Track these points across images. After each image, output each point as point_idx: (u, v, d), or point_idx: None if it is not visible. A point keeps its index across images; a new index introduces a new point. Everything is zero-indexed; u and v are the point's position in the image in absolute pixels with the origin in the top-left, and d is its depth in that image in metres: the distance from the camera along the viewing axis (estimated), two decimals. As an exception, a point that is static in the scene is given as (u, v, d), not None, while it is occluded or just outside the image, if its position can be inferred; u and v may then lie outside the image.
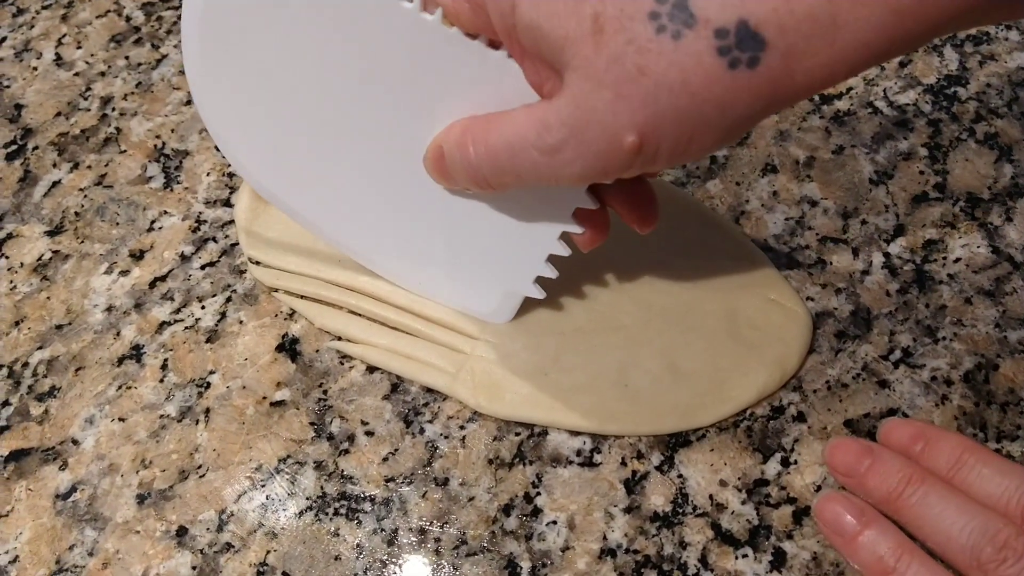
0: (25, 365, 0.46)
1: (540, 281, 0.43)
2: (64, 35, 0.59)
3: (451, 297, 0.45)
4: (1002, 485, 0.36)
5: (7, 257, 0.50)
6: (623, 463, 0.41)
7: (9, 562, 0.41)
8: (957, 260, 0.46)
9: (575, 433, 0.42)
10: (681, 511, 0.40)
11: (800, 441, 0.41)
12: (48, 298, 0.48)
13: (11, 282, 0.49)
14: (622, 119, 0.30)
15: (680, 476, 0.41)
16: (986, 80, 0.53)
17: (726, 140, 0.31)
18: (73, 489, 0.42)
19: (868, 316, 0.45)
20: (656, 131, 0.30)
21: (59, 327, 0.47)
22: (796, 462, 0.41)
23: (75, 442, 0.44)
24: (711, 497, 0.40)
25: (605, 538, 0.40)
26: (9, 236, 0.51)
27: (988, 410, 0.42)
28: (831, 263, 0.46)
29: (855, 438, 0.41)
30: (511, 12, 0.31)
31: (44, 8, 0.61)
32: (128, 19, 0.60)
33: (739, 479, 0.41)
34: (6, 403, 0.45)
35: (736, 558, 0.39)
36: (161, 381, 0.45)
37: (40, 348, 0.46)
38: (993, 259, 0.46)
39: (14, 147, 0.54)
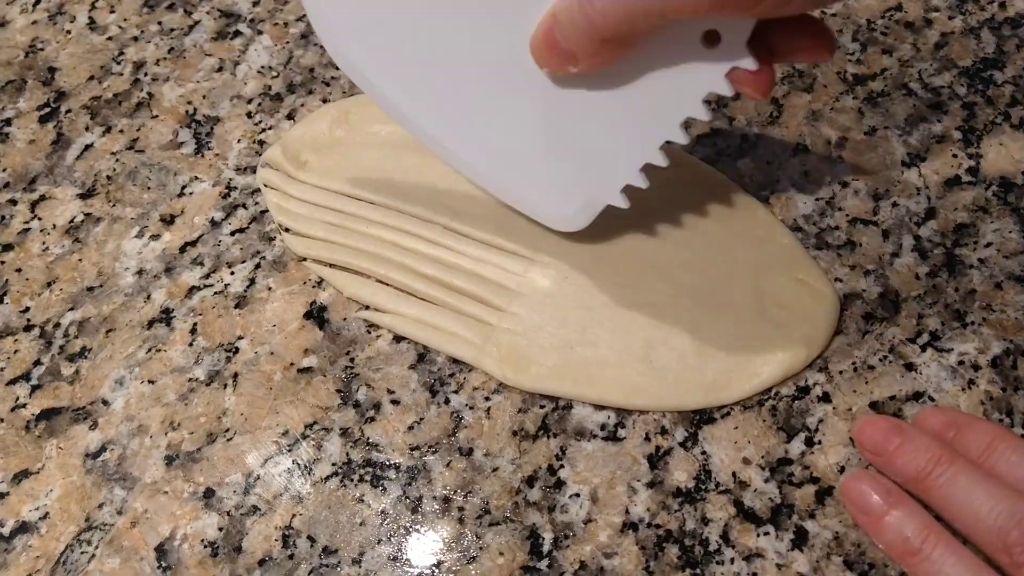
0: (57, 326, 0.47)
1: (628, 191, 0.41)
2: (97, -1, 0.60)
3: (530, 198, 0.44)
4: None
5: (40, 219, 0.50)
6: (647, 438, 0.42)
7: (40, 518, 0.41)
8: (988, 245, 0.46)
9: (600, 407, 0.43)
10: (704, 487, 0.40)
11: (824, 421, 0.41)
12: (80, 260, 0.49)
13: (43, 243, 0.49)
14: None
15: (704, 453, 0.41)
16: (1023, 64, 0.52)
17: None
18: (103, 449, 0.43)
19: (897, 299, 0.44)
20: None
21: (90, 289, 0.48)
22: (820, 442, 0.41)
23: (105, 403, 0.44)
24: (734, 474, 0.40)
25: (627, 512, 0.40)
26: (42, 198, 0.51)
27: (1015, 396, 0.41)
28: (861, 245, 0.46)
29: (885, 416, 0.41)
30: None
31: (78, -28, 0.61)
32: (161, -16, 0.60)
33: (763, 457, 0.41)
34: (38, 362, 0.46)
35: (758, 535, 0.39)
36: (190, 345, 0.45)
37: (72, 309, 0.47)
38: (1025, 244, 0.46)
39: (47, 110, 0.55)
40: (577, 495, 0.40)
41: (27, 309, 0.47)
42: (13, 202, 0.51)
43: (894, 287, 0.45)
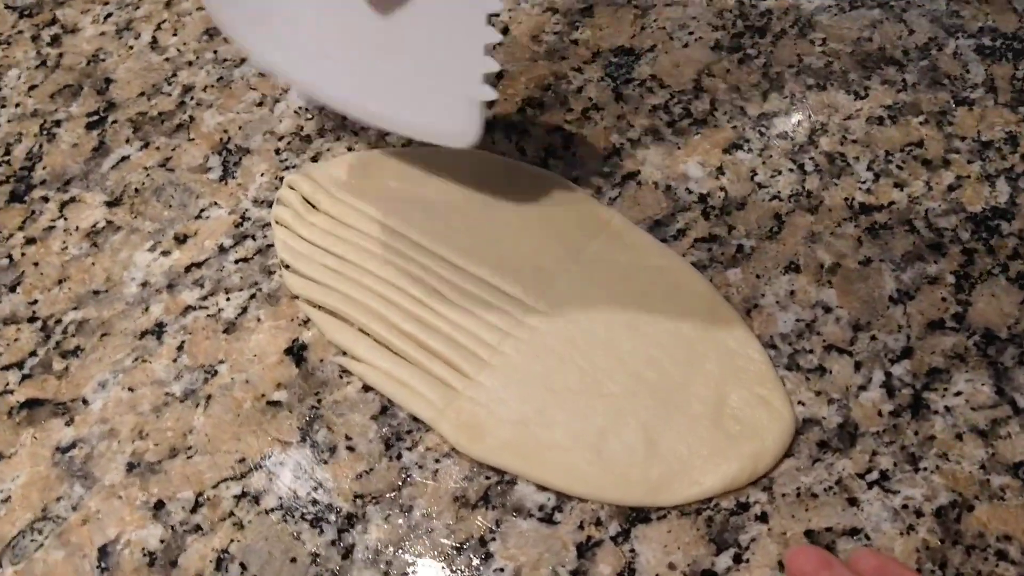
0: (58, 322, 0.50)
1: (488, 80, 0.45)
2: (164, 20, 0.64)
3: (423, 125, 0.48)
4: None
5: (66, 219, 0.54)
6: (581, 527, 0.43)
7: (1, 501, 0.44)
8: (958, 394, 0.46)
9: (542, 488, 0.44)
10: (625, 585, 0.41)
11: (757, 541, 0.42)
12: (93, 264, 0.52)
13: (64, 243, 0.53)
14: None
15: (632, 551, 0.42)
16: (1032, 218, 0.52)
17: None
18: (73, 445, 0.46)
19: (855, 432, 0.45)
20: None
21: (96, 292, 0.51)
22: (748, 560, 0.42)
23: (85, 402, 0.47)
24: (657, 577, 0.41)
25: (546, 596, 0.41)
26: (72, 200, 0.55)
27: (953, 550, 0.42)
28: (831, 372, 0.47)
29: (819, 548, 0.41)
30: None
31: (153, -8, 0.65)
32: (225, 16, 0.64)
33: (688, 565, 0.41)
34: (33, 353, 0.49)
35: (666, 642, 0.40)
36: (174, 361, 0.48)
37: (75, 309, 0.50)
38: (995, 399, 0.46)
39: (96, 118, 0.59)
40: (502, 570, 0.42)
41: (35, 301, 0.51)
42: (46, 199, 0.55)
43: (855, 419, 0.45)
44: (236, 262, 0.52)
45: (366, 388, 0.47)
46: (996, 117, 0.57)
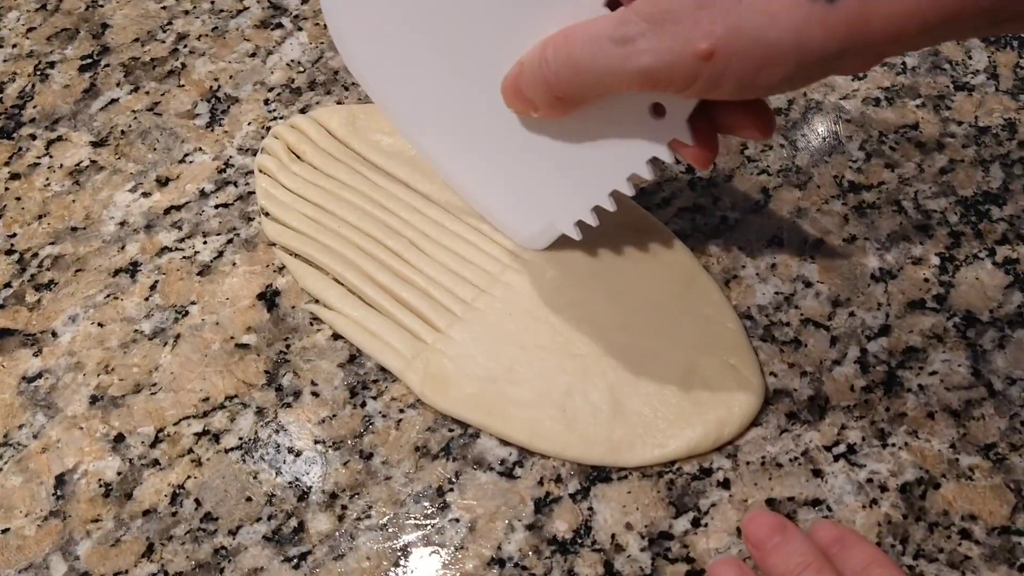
0: (35, 256, 0.50)
1: (580, 226, 0.45)
2: (165, -30, 0.64)
3: (500, 215, 0.48)
4: None
5: (51, 156, 0.54)
6: (540, 482, 0.42)
7: (-36, 426, 0.44)
8: (933, 373, 0.45)
9: (505, 443, 0.43)
10: (580, 542, 0.41)
11: (717, 506, 0.42)
12: (73, 201, 0.52)
13: (47, 180, 0.53)
14: (700, 26, 0.31)
15: (590, 508, 0.41)
16: (1024, 205, 0.52)
17: (795, 79, 0.32)
18: (39, 375, 0.45)
19: (825, 405, 0.44)
20: (729, 45, 0.31)
21: (74, 229, 0.51)
22: (706, 525, 0.41)
23: (54, 334, 0.47)
24: (613, 536, 0.41)
25: (500, 548, 0.40)
26: (59, 138, 0.55)
27: (915, 525, 0.41)
28: (806, 345, 0.46)
29: (776, 513, 0.41)
30: None
31: (156, -58, 0.65)
32: (226, -32, 0.64)
33: (646, 526, 0.41)
34: (7, 285, 0.49)
35: (617, 600, 0.39)
36: (146, 299, 0.48)
37: (52, 244, 0.50)
38: (971, 381, 0.45)
39: (89, 61, 0.59)
40: (457, 520, 0.41)
41: (14, 235, 0.51)
42: (33, 136, 0.55)
43: (826, 393, 0.45)
44: (216, 207, 0.51)
45: (336, 337, 0.47)
46: (996, 104, 0.56)
